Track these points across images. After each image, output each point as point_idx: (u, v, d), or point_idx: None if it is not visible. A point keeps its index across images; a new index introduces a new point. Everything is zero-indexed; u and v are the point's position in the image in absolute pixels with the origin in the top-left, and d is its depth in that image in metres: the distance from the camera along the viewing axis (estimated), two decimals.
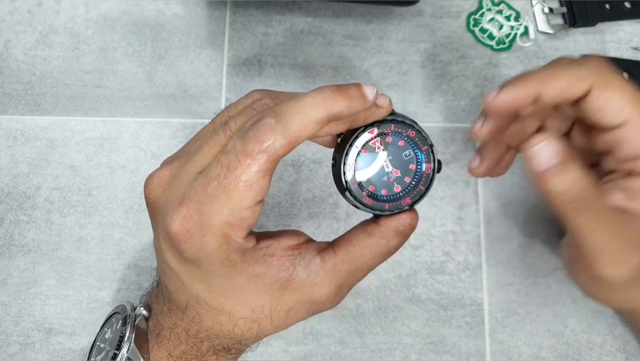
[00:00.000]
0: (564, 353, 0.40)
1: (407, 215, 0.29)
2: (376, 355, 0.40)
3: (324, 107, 0.25)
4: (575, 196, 0.26)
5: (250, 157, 0.25)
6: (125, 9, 0.45)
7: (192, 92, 0.43)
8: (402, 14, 0.45)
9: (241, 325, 0.29)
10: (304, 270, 0.28)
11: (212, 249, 0.26)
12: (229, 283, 0.27)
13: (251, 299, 0.28)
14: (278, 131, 0.25)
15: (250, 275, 0.27)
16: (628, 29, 0.45)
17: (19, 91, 0.43)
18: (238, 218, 0.25)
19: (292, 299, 0.28)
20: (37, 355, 0.40)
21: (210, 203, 0.25)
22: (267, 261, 0.28)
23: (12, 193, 0.42)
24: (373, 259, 0.29)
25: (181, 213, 0.26)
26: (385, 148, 0.28)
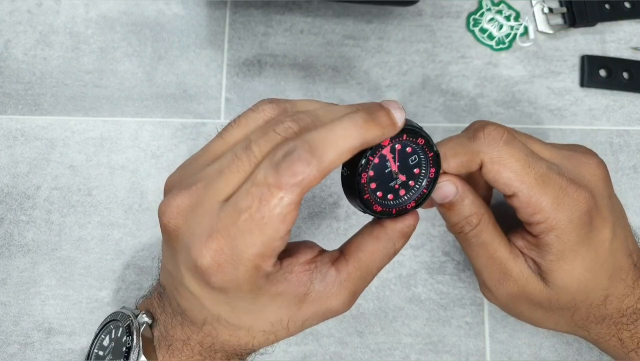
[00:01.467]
0: (563, 353, 0.40)
1: (411, 217, 0.30)
2: (376, 355, 0.40)
3: (357, 138, 0.25)
4: (460, 230, 0.32)
5: (283, 190, 0.24)
6: (125, 9, 0.45)
7: (192, 92, 0.43)
8: (402, 14, 0.45)
9: (259, 337, 0.30)
10: (321, 283, 0.29)
11: (242, 280, 0.26)
12: (252, 304, 0.28)
13: (271, 315, 0.29)
14: (313, 165, 0.24)
15: (273, 295, 0.28)
16: (628, 29, 0.45)
17: (18, 90, 0.43)
18: (270, 249, 0.26)
19: (309, 311, 0.29)
20: (37, 355, 0.40)
21: (242, 236, 0.25)
22: (287, 279, 0.28)
23: (12, 193, 0.42)
24: (382, 261, 0.30)
25: (212, 247, 0.26)
26: (395, 156, 0.29)
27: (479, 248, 0.32)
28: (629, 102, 0.44)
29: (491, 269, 0.32)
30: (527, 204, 0.30)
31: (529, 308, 0.33)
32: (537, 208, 0.30)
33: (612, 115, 0.44)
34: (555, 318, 0.33)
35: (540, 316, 0.34)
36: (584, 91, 0.44)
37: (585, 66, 0.44)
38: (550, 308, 0.33)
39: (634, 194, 0.42)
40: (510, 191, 0.30)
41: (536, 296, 0.32)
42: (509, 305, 0.34)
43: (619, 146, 0.43)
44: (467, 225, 0.31)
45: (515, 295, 0.33)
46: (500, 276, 0.32)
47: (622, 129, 0.43)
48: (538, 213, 0.30)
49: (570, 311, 0.33)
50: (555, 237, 0.30)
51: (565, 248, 0.30)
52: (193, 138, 0.43)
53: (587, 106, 0.44)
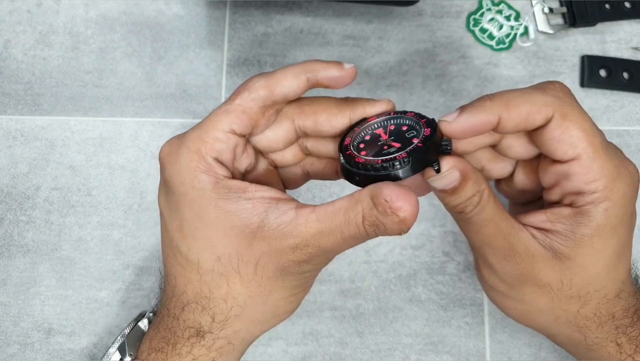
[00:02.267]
0: (563, 354, 0.40)
1: (389, 189, 0.26)
2: (376, 355, 0.40)
3: (303, 67, 0.29)
4: (462, 209, 0.29)
5: (234, 94, 0.29)
6: (125, 9, 0.44)
7: (192, 92, 0.43)
8: (402, 14, 0.45)
9: (208, 281, 0.28)
10: (276, 219, 0.27)
11: (184, 165, 0.28)
12: (198, 216, 0.28)
13: (218, 245, 0.28)
14: (262, 77, 0.29)
15: (220, 210, 0.28)
16: (628, 28, 0.45)
17: (18, 91, 0.43)
18: (211, 137, 0.28)
19: (259, 250, 0.27)
20: (37, 355, 0.40)
21: (192, 128, 0.29)
22: (240, 202, 0.28)
23: (12, 193, 0.42)
24: (346, 226, 0.27)
25: (170, 141, 0.30)
26: (387, 132, 0.29)
27: (480, 224, 0.29)
28: (629, 102, 0.44)
29: (495, 244, 0.29)
30: (589, 169, 0.27)
31: (533, 291, 0.30)
32: (599, 174, 0.27)
33: (612, 115, 0.43)
34: (558, 310, 0.30)
35: (543, 306, 0.30)
36: (584, 91, 0.44)
37: (586, 66, 0.44)
38: (559, 294, 0.30)
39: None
40: (573, 153, 0.27)
41: (546, 275, 0.29)
42: (513, 286, 0.30)
43: (618, 146, 0.43)
44: (469, 205, 0.28)
45: (521, 273, 0.29)
46: (506, 252, 0.29)
47: (622, 129, 0.43)
48: (598, 180, 0.27)
49: (579, 303, 0.30)
50: (603, 210, 0.28)
51: (607, 224, 0.28)
52: None
53: (587, 106, 0.44)
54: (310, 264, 0.28)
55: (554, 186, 0.29)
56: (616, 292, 0.30)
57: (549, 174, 0.29)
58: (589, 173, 0.27)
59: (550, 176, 0.29)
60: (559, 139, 0.27)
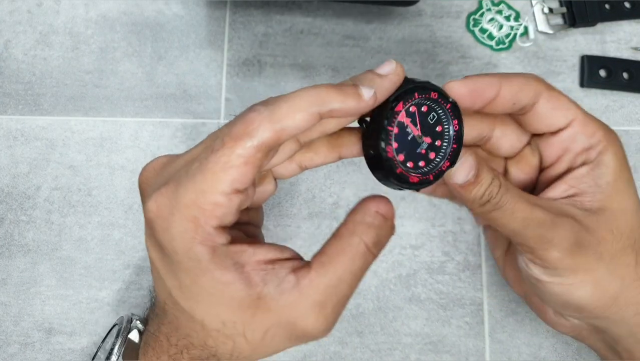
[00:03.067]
0: (563, 353, 0.40)
1: (373, 202, 0.27)
2: (376, 354, 0.40)
3: (315, 99, 0.24)
4: (488, 197, 0.28)
5: (234, 140, 0.24)
6: (125, 9, 0.45)
7: (192, 92, 0.43)
8: (402, 14, 0.45)
9: (215, 338, 0.27)
10: (276, 289, 0.25)
11: (177, 234, 0.25)
12: (195, 284, 0.26)
13: (222, 311, 0.26)
14: (265, 116, 0.24)
15: (217, 281, 0.25)
16: (628, 29, 0.45)
17: (18, 91, 0.43)
18: (210, 202, 0.24)
19: (267, 321, 0.26)
20: (37, 355, 0.40)
21: (186, 181, 0.24)
22: (236, 270, 0.25)
23: (12, 193, 0.42)
24: (353, 264, 0.26)
25: (159, 195, 0.25)
26: (413, 119, 0.27)
27: (513, 204, 0.28)
28: (629, 102, 0.44)
29: (538, 218, 0.28)
30: (587, 124, 0.30)
31: (594, 252, 0.29)
32: (596, 126, 0.30)
33: (612, 115, 0.44)
34: (621, 267, 0.30)
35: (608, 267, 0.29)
36: (583, 91, 0.44)
37: (585, 66, 0.44)
38: (615, 246, 0.29)
39: None
40: (571, 115, 0.30)
41: (595, 231, 0.29)
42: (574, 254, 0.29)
43: None
44: (494, 188, 0.28)
45: (576, 236, 0.29)
46: (552, 220, 0.29)
47: (621, 129, 0.43)
48: (598, 130, 0.30)
49: (633, 252, 0.30)
50: (613, 154, 0.30)
51: (621, 166, 0.30)
52: (193, 138, 0.43)
53: (587, 106, 0.43)
54: (328, 323, 0.27)
55: (561, 156, 0.31)
56: None
57: (553, 147, 0.31)
58: (589, 127, 0.30)
59: (555, 147, 0.31)
60: (556, 107, 0.30)
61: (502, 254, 0.36)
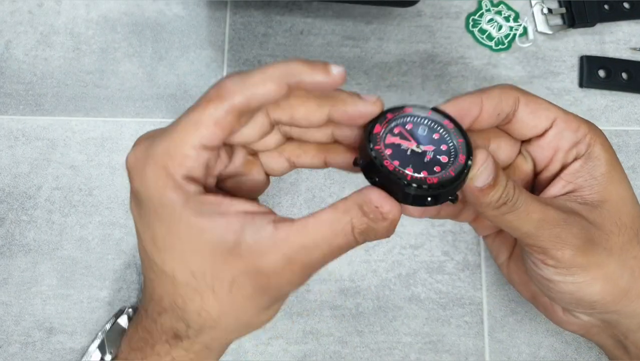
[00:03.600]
0: (562, 353, 0.40)
1: (376, 195, 0.26)
2: (376, 354, 0.40)
3: (285, 70, 0.26)
4: (505, 200, 0.28)
5: (206, 101, 0.26)
6: (125, 10, 0.45)
7: (193, 93, 0.43)
8: (402, 14, 0.45)
9: (183, 294, 0.27)
10: (253, 235, 0.26)
11: (150, 180, 0.26)
12: (170, 232, 0.26)
13: (192, 261, 0.26)
14: (236, 82, 0.26)
15: (193, 227, 0.26)
16: (627, 29, 0.45)
17: (19, 91, 0.43)
18: (179, 154, 0.26)
19: (236, 268, 0.26)
20: (38, 355, 0.40)
21: (161, 136, 0.27)
22: (213, 218, 0.26)
23: (13, 193, 0.42)
24: (334, 237, 0.26)
25: (139, 145, 0.28)
26: (402, 136, 0.28)
27: (527, 205, 0.29)
28: (628, 102, 0.44)
29: (551, 218, 0.29)
30: (569, 120, 0.31)
31: (604, 248, 0.30)
32: (578, 121, 0.31)
33: (611, 115, 0.44)
34: (630, 261, 0.30)
35: (618, 260, 0.30)
36: (583, 92, 0.44)
37: (584, 67, 0.44)
38: (623, 239, 0.30)
39: None
40: (552, 115, 0.31)
41: (602, 225, 0.30)
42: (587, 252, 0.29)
43: (617, 146, 0.43)
44: (510, 190, 0.28)
45: (586, 232, 0.29)
46: (563, 219, 0.29)
47: (621, 129, 0.43)
48: (581, 124, 0.31)
49: (639, 245, 0.31)
50: (601, 146, 0.31)
51: (611, 157, 0.31)
52: None
53: (586, 106, 0.44)
54: (292, 283, 0.27)
55: (553, 155, 0.32)
56: None
57: (543, 149, 0.32)
58: (572, 122, 0.31)
59: (545, 149, 0.32)
60: (536, 110, 0.31)
61: (505, 260, 0.36)
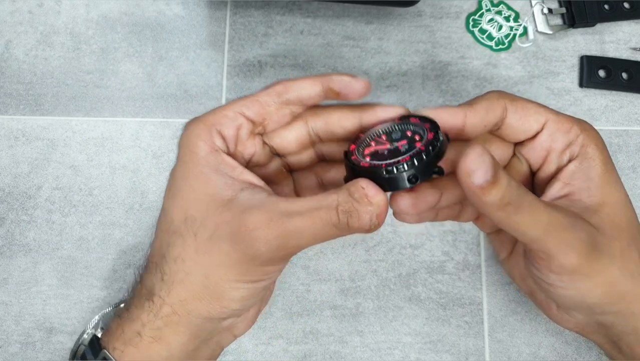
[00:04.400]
0: (562, 353, 0.40)
1: (364, 180, 0.27)
2: (376, 354, 0.40)
3: (319, 75, 0.31)
4: (508, 200, 0.26)
5: (255, 93, 0.31)
6: (126, 10, 0.45)
7: (193, 93, 0.43)
8: (402, 14, 0.45)
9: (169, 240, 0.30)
10: (247, 196, 0.29)
11: (191, 130, 0.31)
12: (184, 177, 0.30)
13: (190, 206, 0.30)
14: (280, 81, 0.31)
15: (203, 176, 0.30)
16: (627, 29, 0.45)
17: (20, 91, 0.43)
18: (221, 113, 0.31)
19: (221, 218, 0.28)
20: (38, 354, 0.40)
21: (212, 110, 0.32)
22: (222, 175, 0.30)
23: (13, 193, 0.42)
24: (317, 210, 0.27)
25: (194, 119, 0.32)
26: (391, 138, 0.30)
27: (533, 205, 0.27)
28: (628, 102, 0.44)
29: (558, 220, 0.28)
30: (561, 122, 0.31)
31: (607, 254, 0.29)
32: (570, 121, 0.31)
33: (611, 115, 0.44)
34: (630, 265, 0.30)
35: (619, 264, 0.30)
36: (583, 91, 0.44)
37: (585, 67, 0.44)
38: (621, 242, 0.30)
39: (633, 193, 0.42)
40: (542, 118, 0.31)
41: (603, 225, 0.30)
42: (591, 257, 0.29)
43: (617, 146, 0.43)
44: (513, 187, 0.26)
45: (593, 242, 0.29)
46: (570, 220, 0.28)
47: (621, 129, 0.43)
48: (573, 125, 0.31)
49: (635, 246, 0.30)
50: (595, 146, 0.31)
51: (606, 157, 0.31)
52: None
53: (586, 106, 0.44)
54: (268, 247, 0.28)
55: (546, 157, 0.32)
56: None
57: (536, 151, 0.32)
58: (564, 124, 0.31)
59: (538, 151, 0.32)
60: (525, 115, 0.31)
61: (507, 255, 0.36)
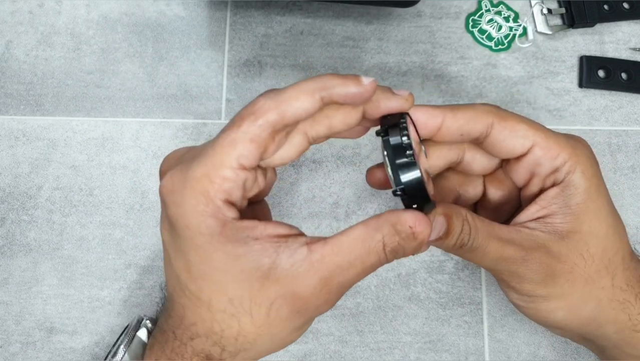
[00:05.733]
0: (562, 352, 0.40)
1: (410, 216, 0.26)
2: (375, 353, 0.40)
3: (318, 84, 0.26)
4: (460, 244, 0.29)
5: (241, 119, 0.26)
6: (126, 10, 0.45)
7: (193, 93, 0.44)
8: (402, 15, 0.45)
9: (220, 320, 0.27)
10: (288, 259, 0.26)
11: (189, 207, 0.26)
12: (206, 261, 0.27)
13: (230, 288, 0.27)
14: (270, 97, 0.26)
15: (229, 255, 0.26)
16: (626, 29, 0.45)
17: (20, 91, 0.43)
18: (219, 176, 0.26)
19: (273, 292, 0.26)
20: (39, 354, 0.40)
21: (197, 159, 0.27)
22: (248, 243, 0.26)
23: (14, 193, 0.42)
24: (367, 255, 0.27)
25: (175, 169, 0.27)
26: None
27: (484, 246, 0.29)
28: (628, 102, 0.44)
29: (508, 255, 0.29)
30: (548, 147, 0.30)
31: (567, 279, 0.30)
32: (559, 147, 0.30)
33: (611, 115, 0.44)
34: (596, 291, 0.30)
35: (582, 291, 0.30)
36: (582, 92, 0.44)
37: (584, 67, 0.44)
38: (588, 271, 0.30)
39: (632, 193, 0.43)
40: (528, 143, 0.30)
41: (567, 256, 0.29)
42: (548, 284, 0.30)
43: (617, 146, 0.43)
44: (464, 235, 0.29)
45: (547, 266, 0.29)
46: (522, 255, 0.29)
47: (620, 129, 0.44)
48: (562, 151, 0.29)
49: (609, 275, 0.30)
50: (581, 174, 0.30)
51: (591, 185, 0.30)
52: (194, 139, 0.43)
53: (586, 107, 0.44)
54: (327, 303, 0.28)
55: (530, 178, 0.31)
56: (630, 254, 0.31)
57: (520, 172, 0.31)
58: (552, 150, 0.30)
59: (522, 172, 0.31)
60: (511, 136, 0.30)
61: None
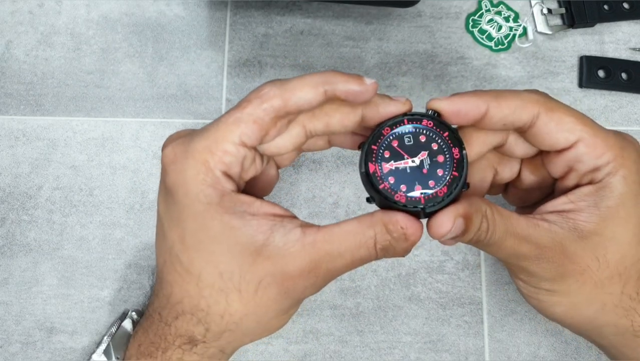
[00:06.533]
0: (562, 352, 0.40)
1: (402, 217, 0.27)
2: (375, 353, 0.40)
3: (322, 78, 0.27)
4: (476, 240, 0.29)
5: (247, 102, 0.27)
6: (126, 10, 0.45)
7: (193, 93, 0.44)
8: (402, 15, 0.45)
9: (207, 296, 0.28)
10: (282, 238, 0.27)
11: (189, 175, 0.27)
12: (202, 229, 0.27)
13: (222, 260, 0.27)
14: (276, 85, 0.27)
15: (225, 225, 0.27)
16: (626, 29, 0.45)
17: (20, 91, 0.43)
18: (220, 149, 0.27)
19: (263, 270, 0.27)
20: (39, 354, 0.40)
21: (200, 134, 0.28)
22: (245, 218, 0.27)
23: (14, 193, 0.42)
24: (357, 249, 0.27)
25: (177, 141, 0.28)
26: (407, 150, 0.28)
27: (499, 242, 0.29)
28: (628, 102, 0.44)
29: (522, 251, 0.29)
30: (594, 145, 0.28)
31: (576, 280, 0.29)
32: (606, 147, 0.28)
33: (611, 115, 0.44)
34: (603, 295, 0.30)
35: (589, 293, 0.30)
36: (582, 92, 0.44)
37: (584, 67, 0.44)
38: (599, 275, 0.29)
39: None
40: (575, 137, 0.28)
41: (581, 257, 0.29)
42: (556, 281, 0.30)
43: None
44: (481, 233, 0.28)
45: (559, 265, 0.29)
46: (535, 253, 0.29)
47: (620, 129, 0.43)
48: (607, 151, 0.28)
49: (620, 282, 0.29)
50: (621, 178, 0.28)
51: (628, 192, 0.28)
52: None
53: (586, 107, 0.44)
54: (314, 287, 0.28)
55: (568, 173, 0.30)
56: None
57: (558, 165, 0.30)
58: (597, 148, 0.28)
59: (560, 165, 0.30)
60: (557, 130, 0.28)
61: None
